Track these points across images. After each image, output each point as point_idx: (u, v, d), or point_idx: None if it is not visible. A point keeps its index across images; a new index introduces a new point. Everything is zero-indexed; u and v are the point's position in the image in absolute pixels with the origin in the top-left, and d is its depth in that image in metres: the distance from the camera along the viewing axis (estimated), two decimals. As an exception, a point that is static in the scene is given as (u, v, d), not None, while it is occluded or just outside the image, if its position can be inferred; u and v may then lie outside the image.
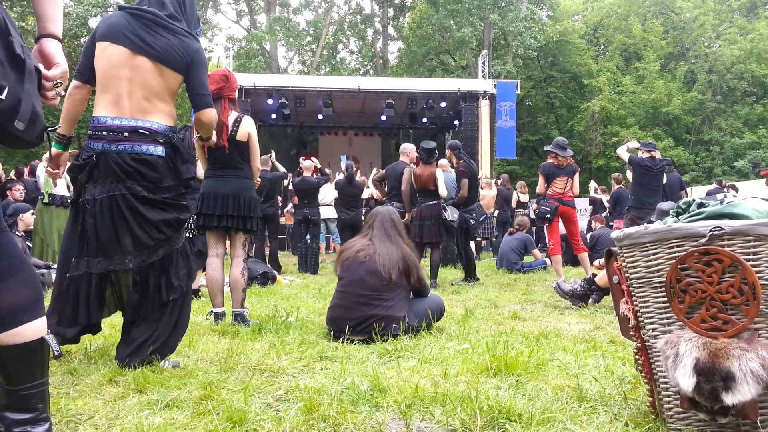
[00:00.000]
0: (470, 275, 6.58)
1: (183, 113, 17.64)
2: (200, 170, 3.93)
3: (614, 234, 1.73)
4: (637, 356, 1.74)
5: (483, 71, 15.16)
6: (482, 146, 13.38)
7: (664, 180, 7.23)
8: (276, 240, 8.43)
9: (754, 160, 20.92)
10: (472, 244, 7.59)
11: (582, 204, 13.06)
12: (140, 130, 2.39)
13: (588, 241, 8.33)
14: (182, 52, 2.47)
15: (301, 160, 8.73)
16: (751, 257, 1.49)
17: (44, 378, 1.49)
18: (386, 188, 7.42)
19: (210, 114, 2.64)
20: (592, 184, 12.43)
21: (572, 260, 8.23)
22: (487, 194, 10.35)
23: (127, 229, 2.36)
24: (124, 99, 2.40)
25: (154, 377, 2.17)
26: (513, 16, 22.77)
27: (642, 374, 1.74)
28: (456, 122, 14.37)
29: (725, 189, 11.04)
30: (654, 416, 1.73)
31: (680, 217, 1.69)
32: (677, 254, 1.57)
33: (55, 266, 2.75)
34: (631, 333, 1.74)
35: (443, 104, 14.17)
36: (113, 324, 2.86)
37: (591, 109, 23.87)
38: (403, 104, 14.17)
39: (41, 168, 7.18)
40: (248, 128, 3.64)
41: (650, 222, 1.83)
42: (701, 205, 1.68)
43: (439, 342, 2.97)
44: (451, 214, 6.23)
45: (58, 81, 1.48)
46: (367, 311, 3.13)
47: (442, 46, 24.92)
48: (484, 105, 13.41)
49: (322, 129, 18.12)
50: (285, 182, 9.20)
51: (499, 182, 11.54)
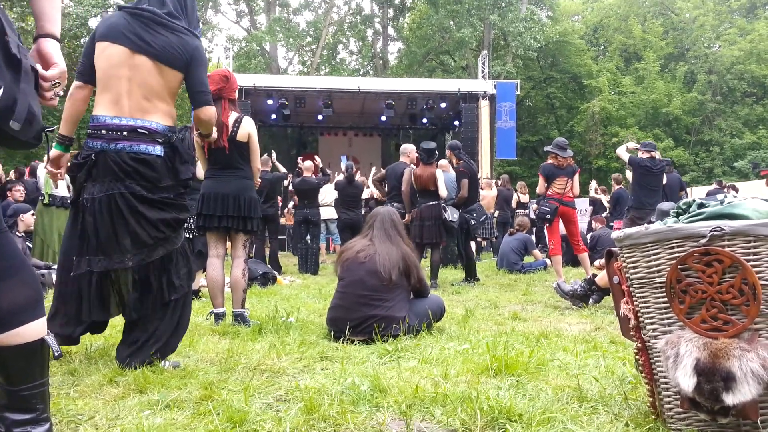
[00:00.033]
0: (470, 276, 6.58)
1: (183, 113, 17.64)
2: (200, 171, 3.93)
3: (614, 234, 1.73)
4: (638, 356, 1.74)
5: (483, 72, 15.17)
6: (482, 147, 13.38)
7: (664, 180, 7.23)
8: (276, 240, 8.43)
9: (754, 161, 20.93)
10: (473, 245, 7.58)
11: (582, 204, 13.05)
12: (139, 130, 2.39)
13: (588, 242, 8.33)
14: (181, 50, 2.47)
15: (300, 161, 8.73)
16: (752, 257, 1.49)
17: (44, 378, 1.48)
18: (386, 189, 7.42)
19: (209, 111, 2.64)
20: (593, 185, 12.42)
21: (572, 261, 8.23)
22: (488, 195, 10.35)
23: (126, 228, 2.36)
24: (124, 98, 2.40)
25: (155, 377, 2.17)
26: (513, 17, 22.78)
27: (642, 374, 1.74)
28: (456, 123, 14.36)
29: (725, 189, 11.05)
30: (654, 416, 1.73)
31: (680, 218, 1.69)
32: (677, 254, 1.58)
33: (56, 267, 2.75)
34: (632, 333, 1.74)
35: (443, 105, 14.16)
36: (113, 324, 2.85)
37: (591, 110, 23.89)
38: (403, 105, 14.16)
39: (41, 169, 7.18)
40: (248, 129, 3.64)
41: (650, 222, 1.83)
42: (701, 206, 1.68)
43: (440, 342, 2.96)
44: (452, 215, 6.23)
45: (57, 81, 1.47)
46: (368, 312, 3.13)
47: (442, 47, 24.93)
48: (484, 105, 13.41)
49: (322, 129, 18.11)
50: (285, 183, 9.20)
51: (500, 183, 11.54)
